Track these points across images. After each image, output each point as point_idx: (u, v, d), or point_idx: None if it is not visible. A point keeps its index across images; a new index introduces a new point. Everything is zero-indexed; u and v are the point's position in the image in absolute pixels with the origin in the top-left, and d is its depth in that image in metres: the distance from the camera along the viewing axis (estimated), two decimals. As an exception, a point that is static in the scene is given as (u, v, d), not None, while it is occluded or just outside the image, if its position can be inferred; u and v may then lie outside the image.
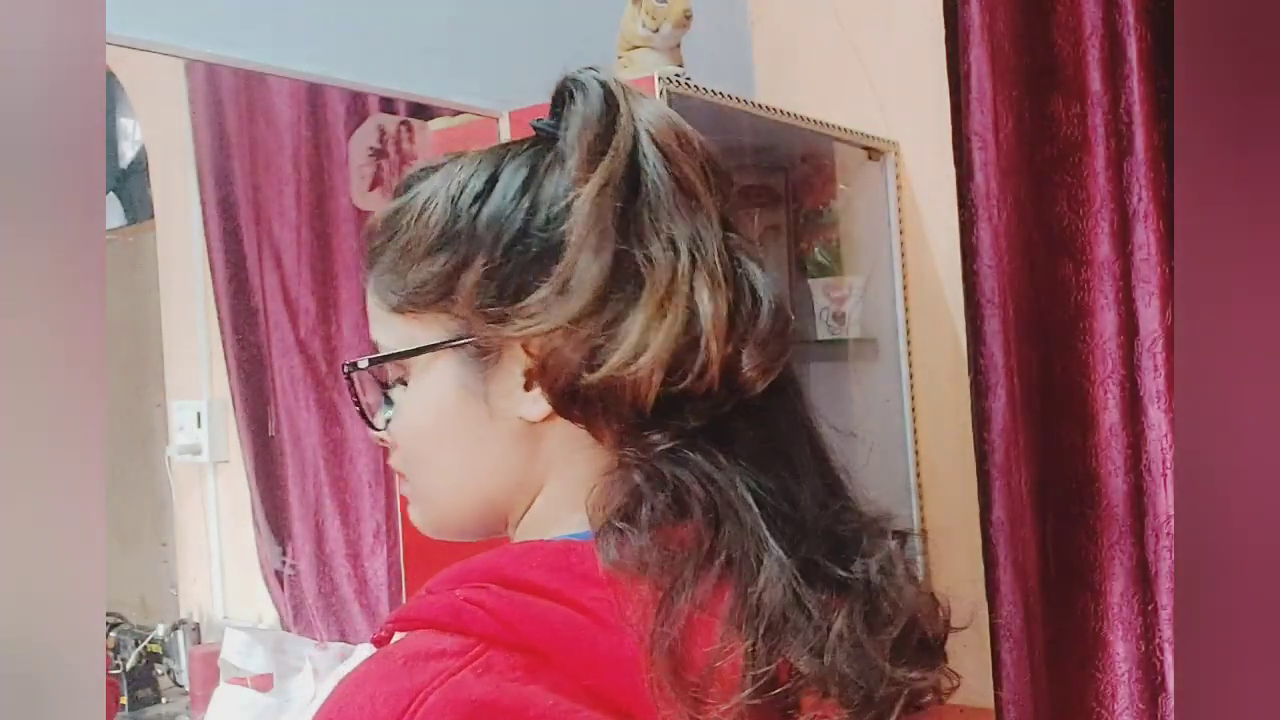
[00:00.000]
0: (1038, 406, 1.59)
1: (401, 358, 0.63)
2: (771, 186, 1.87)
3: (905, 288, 1.86)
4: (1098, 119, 1.52)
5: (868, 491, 0.65)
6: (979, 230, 1.55)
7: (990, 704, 1.56)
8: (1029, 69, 1.58)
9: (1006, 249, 1.54)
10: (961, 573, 1.76)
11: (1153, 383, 1.50)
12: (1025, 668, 1.53)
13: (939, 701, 0.62)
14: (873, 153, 1.86)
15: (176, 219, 1.53)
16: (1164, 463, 1.49)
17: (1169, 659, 1.50)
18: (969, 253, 1.57)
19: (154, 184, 1.51)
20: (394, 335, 0.64)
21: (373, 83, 1.40)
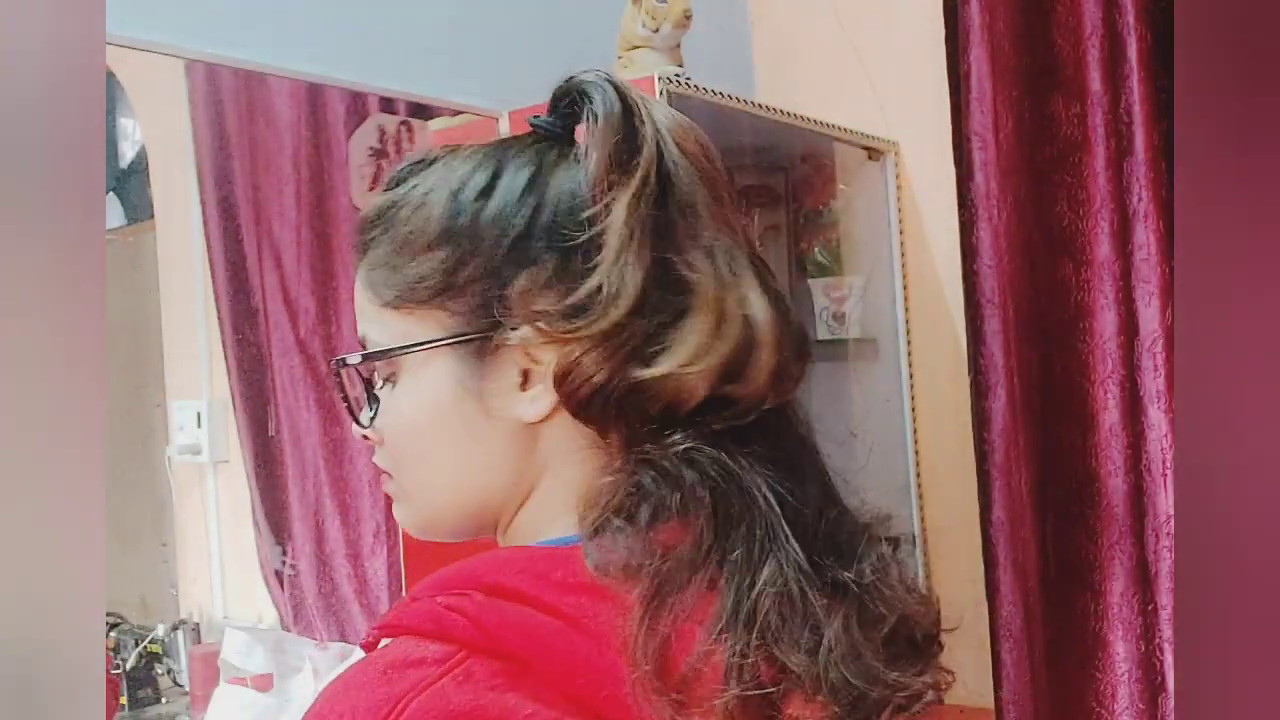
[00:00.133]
0: (1038, 406, 1.59)
1: (399, 354, 0.62)
2: (771, 186, 1.87)
3: (905, 288, 1.86)
4: (1098, 119, 1.52)
5: (866, 493, 0.66)
6: (979, 230, 1.55)
7: (990, 704, 1.56)
8: (1029, 69, 1.57)
9: (1006, 249, 1.54)
10: (961, 573, 1.77)
11: (1153, 383, 1.50)
12: (1025, 668, 1.53)
13: (939, 702, 0.62)
14: (873, 153, 1.86)
15: (176, 219, 1.53)
16: (1164, 463, 1.49)
17: (1169, 659, 1.50)
18: (969, 253, 1.57)
19: (154, 184, 1.51)
20: (386, 331, 0.63)
21: (373, 83, 1.40)
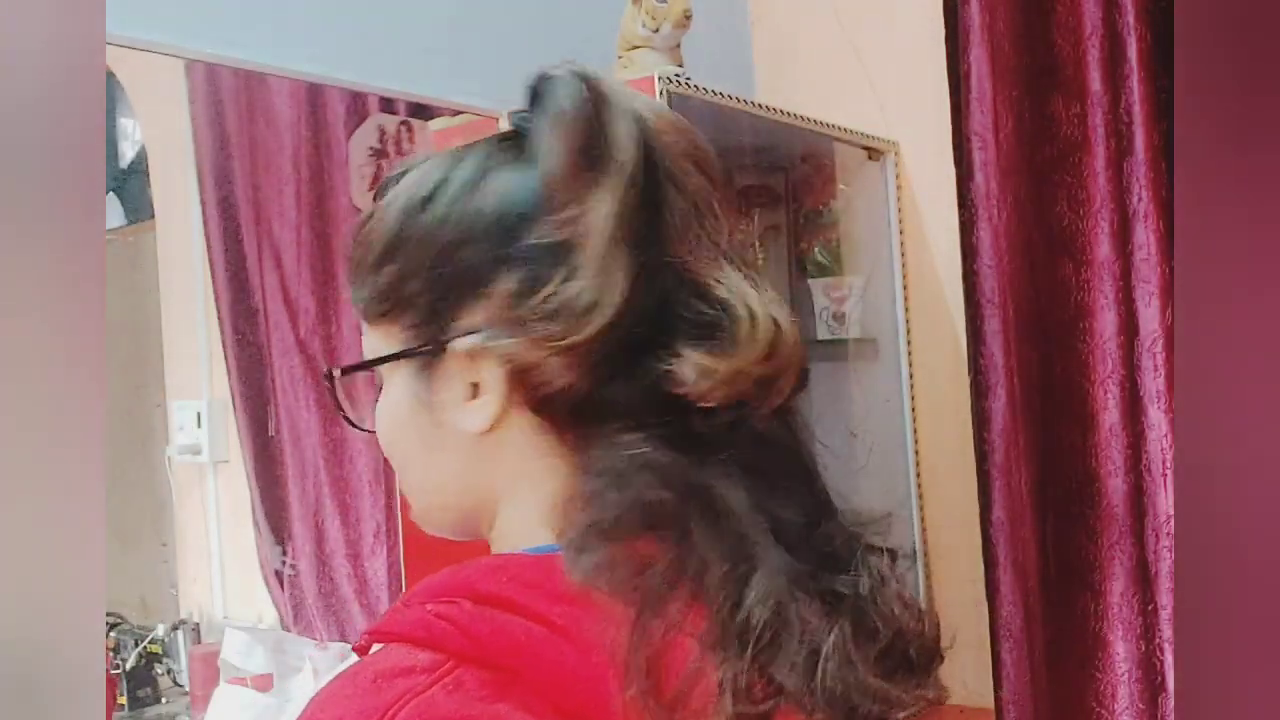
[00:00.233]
0: (1038, 406, 1.59)
1: (361, 369, 0.63)
2: (771, 186, 1.87)
3: (905, 288, 1.86)
4: (1098, 119, 1.52)
5: (866, 493, 0.65)
6: (979, 230, 1.55)
7: (990, 704, 1.56)
8: (1029, 69, 1.58)
9: (1006, 249, 1.54)
10: (961, 573, 1.76)
11: (1153, 383, 1.50)
12: (1025, 668, 1.53)
13: (939, 703, 0.61)
14: (873, 153, 1.86)
15: (176, 219, 1.53)
16: (1164, 463, 1.49)
17: (1169, 659, 1.50)
18: (969, 253, 1.57)
19: (154, 184, 1.51)
20: (368, 343, 0.63)
21: (373, 83, 1.40)
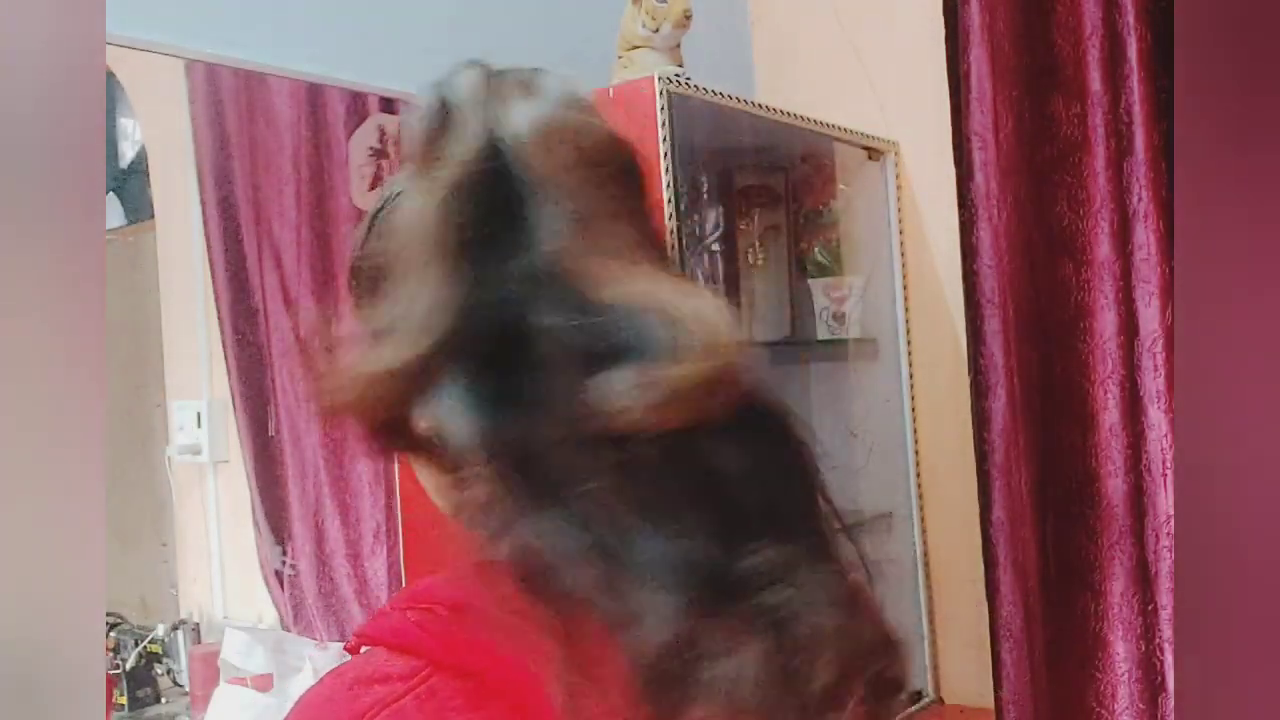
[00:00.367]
0: (1038, 406, 1.59)
1: None
2: (771, 186, 1.87)
3: (905, 288, 1.86)
4: (1098, 119, 1.52)
5: (859, 495, 0.64)
6: (979, 230, 1.55)
7: (990, 704, 1.56)
8: (1029, 69, 1.57)
9: (1006, 249, 1.54)
10: (961, 573, 1.77)
11: (1153, 383, 1.50)
12: (1025, 668, 1.53)
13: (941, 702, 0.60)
14: (873, 153, 1.86)
15: (176, 219, 1.53)
16: (1164, 463, 1.49)
17: (1169, 659, 1.50)
18: (969, 253, 1.57)
19: (154, 184, 1.51)
20: None
21: (373, 83, 1.40)
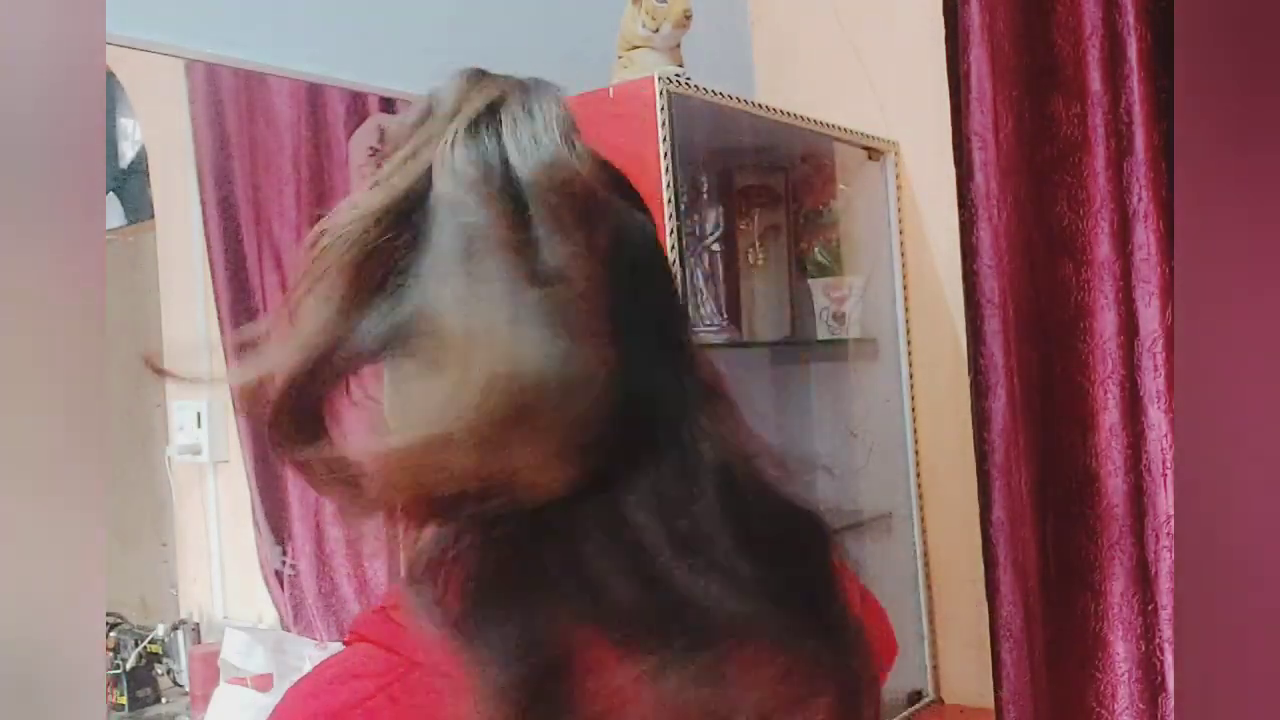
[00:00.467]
0: (1038, 406, 1.58)
1: None
2: (771, 186, 1.87)
3: (905, 288, 1.86)
4: (1098, 119, 1.52)
5: (859, 495, 0.64)
6: (979, 230, 1.55)
7: (990, 704, 1.56)
8: (1029, 69, 1.57)
9: (1006, 249, 1.54)
10: (961, 573, 1.77)
11: (1153, 383, 1.50)
12: (1025, 668, 1.53)
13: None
14: (873, 153, 1.86)
15: (176, 219, 1.53)
16: (1164, 463, 1.49)
17: (1169, 659, 1.50)
18: (969, 253, 1.57)
19: (154, 184, 1.51)
20: None
21: (373, 83, 1.40)
